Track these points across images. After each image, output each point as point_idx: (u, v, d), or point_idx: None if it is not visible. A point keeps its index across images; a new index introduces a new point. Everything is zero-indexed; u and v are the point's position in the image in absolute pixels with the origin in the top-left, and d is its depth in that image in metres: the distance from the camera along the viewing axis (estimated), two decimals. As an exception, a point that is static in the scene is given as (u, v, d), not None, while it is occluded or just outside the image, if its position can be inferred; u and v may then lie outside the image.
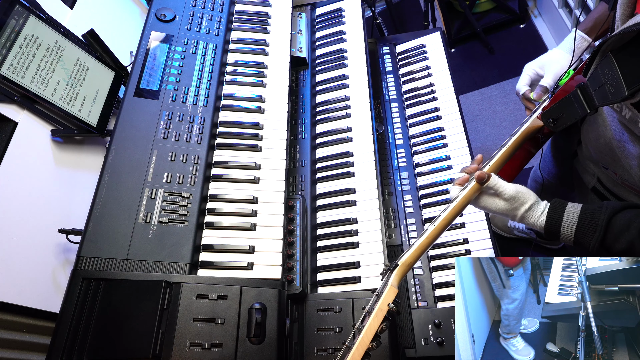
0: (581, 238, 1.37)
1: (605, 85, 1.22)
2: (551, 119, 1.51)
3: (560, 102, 1.47)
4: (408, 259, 1.38)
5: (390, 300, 1.25)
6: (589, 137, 1.65)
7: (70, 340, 1.39)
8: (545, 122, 1.54)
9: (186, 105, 1.87)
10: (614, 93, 1.19)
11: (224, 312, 1.49)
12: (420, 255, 1.40)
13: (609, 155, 1.57)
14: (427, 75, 2.46)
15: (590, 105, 1.34)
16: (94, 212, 1.58)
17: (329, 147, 2.12)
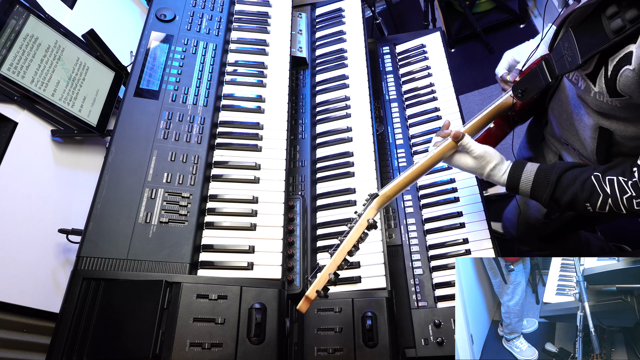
0: (536, 193, 1.56)
1: (564, 56, 1.42)
2: (520, 90, 1.65)
3: (528, 74, 1.62)
4: (387, 192, 1.62)
5: (370, 217, 1.51)
6: (554, 115, 1.83)
7: (70, 340, 1.39)
8: (515, 93, 1.67)
9: (186, 105, 1.87)
10: (571, 62, 1.40)
11: (224, 312, 1.48)
12: (398, 191, 1.65)
13: (569, 130, 1.76)
14: (427, 75, 2.46)
15: (552, 74, 1.51)
16: (94, 212, 1.58)
17: (329, 147, 2.12)
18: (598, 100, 1.42)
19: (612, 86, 1.32)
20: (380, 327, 1.60)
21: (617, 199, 1.39)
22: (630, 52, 1.23)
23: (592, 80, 1.39)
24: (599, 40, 1.28)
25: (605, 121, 1.52)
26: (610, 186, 1.41)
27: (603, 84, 1.35)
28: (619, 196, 1.39)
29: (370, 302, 1.66)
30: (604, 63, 1.32)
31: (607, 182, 1.42)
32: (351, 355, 1.57)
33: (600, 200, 1.43)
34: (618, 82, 1.30)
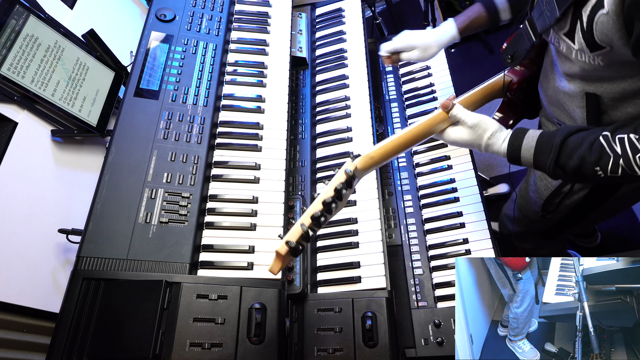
0: (539, 160, 1.44)
1: (544, 13, 1.40)
2: (508, 54, 1.66)
3: (513, 39, 1.63)
4: (371, 153, 1.50)
5: (349, 168, 1.41)
6: (543, 92, 1.79)
7: (70, 340, 1.39)
8: (504, 59, 1.69)
9: (186, 105, 1.87)
10: (550, 17, 1.37)
11: (224, 312, 1.49)
12: (383, 155, 1.52)
13: (557, 105, 1.70)
14: (427, 75, 2.46)
15: (535, 33, 1.49)
16: (94, 212, 1.58)
17: (329, 147, 2.12)
18: (580, 61, 1.39)
19: (590, 38, 1.28)
20: (380, 327, 1.60)
21: (630, 159, 1.28)
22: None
23: (571, 38, 1.36)
24: None
25: (590, 86, 1.48)
26: (620, 145, 1.30)
27: (581, 38, 1.31)
28: (631, 156, 1.28)
29: (370, 302, 1.66)
30: (578, 17, 1.29)
31: (618, 142, 1.30)
32: (351, 355, 1.57)
33: (612, 162, 1.30)
34: (595, 32, 1.26)
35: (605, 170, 1.32)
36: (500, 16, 1.90)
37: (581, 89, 1.51)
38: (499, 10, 1.88)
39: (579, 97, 1.54)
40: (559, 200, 1.94)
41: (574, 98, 1.57)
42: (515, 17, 1.89)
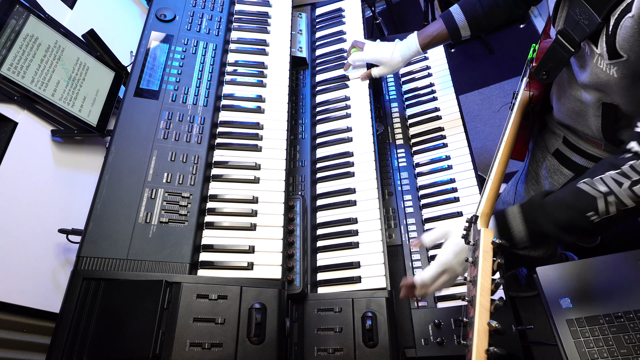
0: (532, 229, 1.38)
1: (580, 22, 1.37)
2: (543, 71, 1.61)
3: (547, 54, 1.57)
4: (484, 209, 1.44)
5: (491, 238, 1.27)
6: (556, 97, 1.81)
7: (70, 340, 1.39)
8: (539, 77, 1.63)
9: (186, 105, 1.87)
10: (589, 24, 1.34)
11: (224, 312, 1.49)
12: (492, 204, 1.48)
13: (572, 114, 1.72)
14: (427, 75, 2.46)
15: (573, 43, 1.44)
16: (94, 212, 1.58)
17: (329, 147, 2.12)
18: (598, 68, 1.38)
19: (612, 43, 1.28)
20: (380, 327, 1.60)
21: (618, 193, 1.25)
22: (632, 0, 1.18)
23: (595, 42, 1.36)
24: None
25: (607, 97, 1.48)
26: (603, 184, 1.27)
27: (604, 42, 1.31)
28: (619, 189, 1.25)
29: (370, 302, 1.66)
30: (606, 20, 1.29)
31: (598, 182, 1.28)
32: (351, 355, 1.56)
33: (603, 202, 1.26)
34: (618, 37, 1.25)
35: (599, 212, 1.28)
36: (460, 33, 1.97)
37: (598, 99, 1.51)
38: (459, 27, 1.95)
39: (595, 107, 1.54)
40: None
41: (590, 107, 1.57)
42: (475, 33, 1.96)
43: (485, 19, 1.89)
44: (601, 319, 1.64)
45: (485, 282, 1.19)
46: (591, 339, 1.62)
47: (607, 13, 1.27)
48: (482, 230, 1.30)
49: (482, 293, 1.18)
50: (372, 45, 2.14)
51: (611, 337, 1.61)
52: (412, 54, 2.07)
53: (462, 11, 1.92)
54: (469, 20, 1.92)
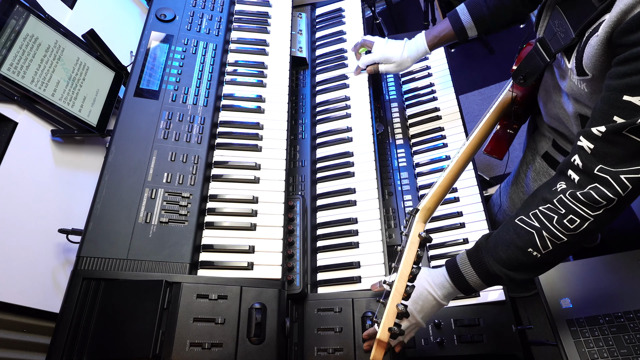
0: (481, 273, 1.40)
1: (557, 34, 1.39)
2: (520, 76, 1.62)
3: (525, 59, 1.59)
4: (427, 204, 1.58)
5: (420, 231, 1.43)
6: (542, 103, 1.83)
7: (70, 340, 1.39)
8: (517, 80, 1.65)
9: (186, 105, 1.87)
10: (564, 38, 1.35)
11: (224, 312, 1.48)
12: (437, 200, 1.61)
13: (557, 119, 1.75)
14: (427, 75, 2.46)
15: (549, 53, 1.46)
16: (94, 212, 1.58)
17: (329, 147, 2.12)
18: (571, 81, 1.40)
19: (580, 60, 1.29)
20: (380, 327, 1.60)
21: (550, 227, 1.26)
22: (604, 20, 1.17)
23: (568, 57, 1.37)
24: (587, 11, 1.24)
25: (582, 108, 1.49)
26: (535, 219, 1.29)
27: (574, 58, 1.32)
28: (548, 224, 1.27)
29: (370, 302, 1.65)
30: (581, 36, 1.29)
31: (530, 218, 1.30)
32: (351, 355, 1.57)
33: (537, 238, 1.28)
34: (584, 54, 1.26)
35: (538, 248, 1.29)
36: (467, 33, 1.98)
37: (575, 110, 1.53)
38: (466, 28, 1.96)
39: (574, 117, 1.56)
40: None
41: (571, 117, 1.58)
42: (481, 33, 1.97)
43: (492, 18, 1.89)
44: (601, 319, 1.65)
45: (405, 270, 1.35)
46: (591, 339, 1.63)
47: (582, 29, 1.27)
48: (415, 222, 1.49)
49: (400, 279, 1.35)
50: (382, 44, 2.14)
51: (611, 337, 1.61)
52: (420, 54, 2.09)
53: (468, 11, 1.92)
54: (475, 20, 1.92)
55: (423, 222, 1.53)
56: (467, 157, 1.71)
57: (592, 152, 1.19)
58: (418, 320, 1.46)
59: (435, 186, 1.63)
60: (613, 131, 1.13)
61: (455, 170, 1.67)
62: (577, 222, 1.23)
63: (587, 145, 1.20)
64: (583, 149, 1.21)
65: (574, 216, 1.22)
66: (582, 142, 1.21)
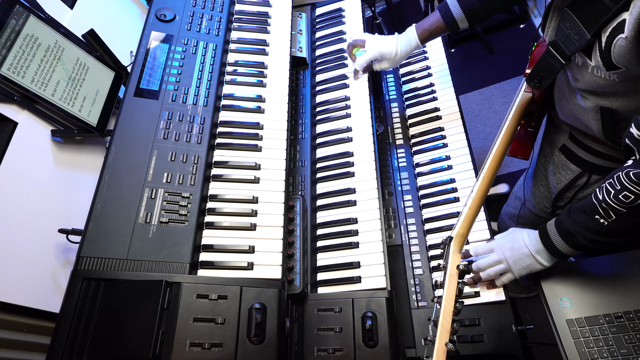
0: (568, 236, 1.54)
1: (570, 36, 1.39)
2: (536, 79, 1.65)
3: (539, 62, 1.60)
4: (460, 230, 1.56)
5: (457, 263, 1.42)
6: (556, 100, 1.84)
7: (70, 340, 1.39)
8: (532, 84, 1.68)
9: (186, 105, 1.87)
10: (579, 40, 1.36)
11: (224, 312, 1.48)
12: (469, 224, 1.60)
13: (573, 118, 1.75)
14: (427, 75, 2.46)
15: (564, 56, 1.47)
16: (94, 212, 1.58)
17: (329, 147, 2.11)
18: (596, 77, 1.40)
19: (608, 58, 1.30)
20: (380, 327, 1.60)
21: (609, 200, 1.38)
22: (624, 20, 1.20)
23: (588, 56, 1.38)
24: (600, 11, 1.26)
25: (605, 100, 1.50)
26: (601, 192, 1.41)
27: (599, 57, 1.33)
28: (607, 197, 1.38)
29: (370, 302, 1.66)
30: (597, 36, 1.31)
31: (599, 190, 1.43)
32: (351, 355, 1.56)
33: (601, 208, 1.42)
34: (613, 53, 1.27)
35: (603, 216, 1.42)
36: (458, 25, 1.97)
37: (595, 104, 1.54)
38: (456, 20, 1.95)
39: (594, 111, 1.56)
40: (572, 194, 1.99)
41: (589, 112, 1.59)
42: (472, 24, 1.97)
43: (482, 8, 1.88)
44: (601, 319, 1.64)
45: (448, 305, 1.32)
46: (591, 339, 1.62)
47: (598, 30, 1.29)
48: (451, 254, 1.47)
49: (445, 315, 1.31)
50: (374, 41, 2.12)
51: (611, 337, 1.61)
52: (412, 48, 2.08)
53: (458, 3, 1.92)
54: (465, 11, 1.91)
55: (459, 252, 1.52)
56: (493, 171, 1.71)
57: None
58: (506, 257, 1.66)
59: (465, 209, 1.62)
60: None
61: (483, 187, 1.66)
62: (631, 198, 1.33)
63: (638, 132, 1.29)
64: (634, 136, 1.31)
65: (627, 192, 1.33)
66: (633, 130, 1.30)
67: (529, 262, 1.63)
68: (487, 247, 1.73)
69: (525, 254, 1.63)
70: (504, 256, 1.66)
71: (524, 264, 1.63)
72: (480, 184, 1.65)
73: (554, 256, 1.59)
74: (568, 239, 1.53)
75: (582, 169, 1.89)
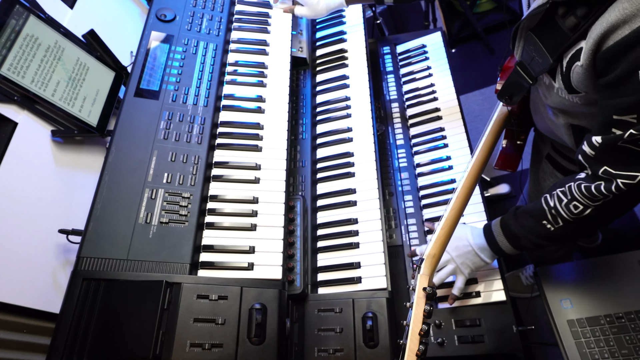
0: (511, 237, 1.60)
1: (535, 58, 1.42)
2: (506, 96, 1.66)
3: (508, 80, 1.61)
4: (432, 251, 1.50)
5: (424, 284, 1.36)
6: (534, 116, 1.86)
7: (71, 341, 1.39)
8: (503, 100, 1.70)
9: (186, 106, 1.87)
10: (542, 63, 1.39)
11: (224, 313, 1.49)
12: (442, 245, 1.53)
13: (548, 131, 1.79)
14: (428, 75, 2.45)
15: (530, 76, 1.49)
16: (94, 212, 1.58)
17: (330, 148, 2.11)
18: (561, 97, 1.43)
19: (568, 83, 1.34)
20: (380, 328, 1.60)
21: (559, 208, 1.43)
22: (580, 48, 1.24)
23: (552, 77, 1.41)
24: (561, 39, 1.29)
25: (574, 119, 1.53)
26: (552, 199, 1.46)
27: (561, 80, 1.36)
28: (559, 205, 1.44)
29: (370, 302, 1.65)
30: (559, 60, 1.34)
31: (551, 197, 1.47)
32: (351, 356, 1.56)
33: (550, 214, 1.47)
34: (572, 79, 1.31)
35: (550, 222, 1.48)
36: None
37: (566, 121, 1.57)
38: None
39: (565, 127, 1.60)
40: None
41: (561, 127, 1.62)
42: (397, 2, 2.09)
43: None
44: (602, 319, 1.64)
45: (415, 328, 1.28)
46: (592, 339, 1.62)
47: (560, 55, 1.33)
48: (418, 276, 1.41)
49: (412, 338, 1.27)
50: None
51: (612, 338, 1.61)
52: (336, 5, 2.19)
53: None
54: None
55: (428, 274, 1.44)
56: (468, 189, 1.67)
57: (594, 157, 1.32)
58: (452, 256, 1.69)
59: (438, 229, 1.56)
60: (608, 142, 1.25)
61: (457, 206, 1.61)
62: (580, 208, 1.39)
63: (589, 151, 1.32)
64: (587, 153, 1.34)
65: (577, 203, 1.39)
66: (585, 148, 1.34)
67: (473, 259, 1.67)
68: None
69: (469, 251, 1.67)
70: (450, 256, 1.69)
71: (469, 261, 1.67)
72: (454, 203, 1.62)
73: (496, 254, 1.65)
74: (513, 241, 1.59)
75: None
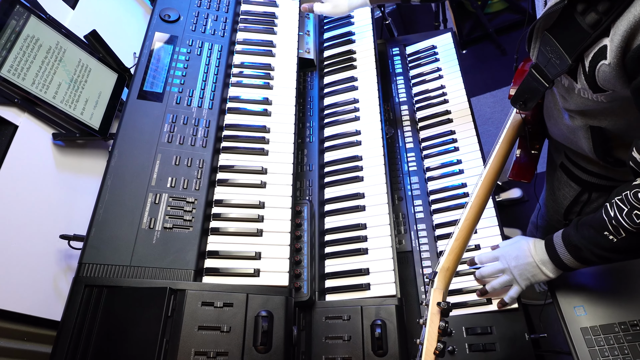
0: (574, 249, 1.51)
1: (551, 60, 1.38)
2: (520, 101, 1.61)
3: (522, 85, 1.57)
4: (445, 264, 1.49)
5: (438, 299, 1.35)
6: (548, 122, 1.83)
7: (72, 349, 1.38)
8: (517, 106, 1.65)
9: (191, 108, 1.85)
10: (560, 64, 1.35)
11: (229, 320, 1.46)
12: (456, 257, 1.52)
13: (564, 138, 1.76)
14: (438, 77, 2.43)
15: (546, 79, 1.45)
16: (96, 217, 1.56)
17: (338, 151, 2.09)
18: (583, 98, 1.39)
19: (593, 82, 1.29)
20: (389, 336, 1.58)
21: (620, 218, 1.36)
22: (604, 46, 1.20)
23: (573, 78, 1.37)
24: (580, 37, 1.25)
25: (594, 120, 1.50)
26: (612, 208, 1.39)
27: (584, 80, 1.32)
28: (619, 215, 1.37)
29: (379, 309, 1.63)
30: (578, 60, 1.30)
31: (610, 206, 1.40)
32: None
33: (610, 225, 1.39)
34: (597, 78, 1.27)
35: (612, 233, 1.40)
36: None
37: (584, 123, 1.53)
38: None
39: (584, 130, 1.56)
40: (579, 209, 1.99)
41: (578, 131, 1.59)
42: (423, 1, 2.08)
43: None
44: (616, 327, 1.62)
45: (430, 347, 1.26)
46: (606, 347, 1.60)
47: (579, 54, 1.28)
48: (433, 290, 1.40)
49: (426, 357, 1.26)
50: None
51: (627, 346, 1.58)
52: (359, 4, 2.15)
53: None
54: None
55: (442, 289, 1.43)
56: (482, 199, 1.65)
57: None
58: (510, 266, 1.64)
59: (451, 241, 1.56)
60: None
61: (471, 217, 1.61)
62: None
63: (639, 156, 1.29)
64: (637, 159, 1.30)
65: (638, 212, 1.32)
66: (634, 154, 1.30)
67: (534, 272, 1.61)
68: (491, 255, 1.71)
69: (530, 263, 1.60)
70: (508, 265, 1.64)
71: (529, 274, 1.61)
72: (468, 213, 1.60)
73: (559, 268, 1.57)
74: (574, 253, 1.51)
75: (582, 187, 1.91)
